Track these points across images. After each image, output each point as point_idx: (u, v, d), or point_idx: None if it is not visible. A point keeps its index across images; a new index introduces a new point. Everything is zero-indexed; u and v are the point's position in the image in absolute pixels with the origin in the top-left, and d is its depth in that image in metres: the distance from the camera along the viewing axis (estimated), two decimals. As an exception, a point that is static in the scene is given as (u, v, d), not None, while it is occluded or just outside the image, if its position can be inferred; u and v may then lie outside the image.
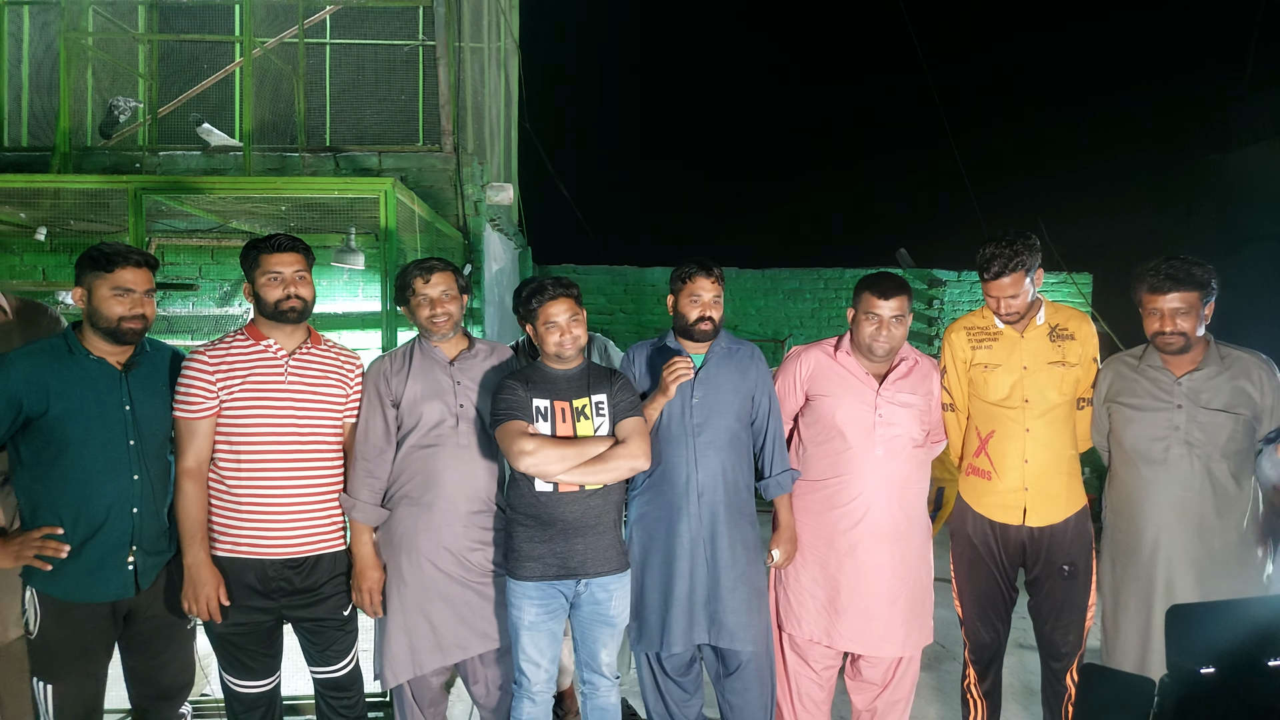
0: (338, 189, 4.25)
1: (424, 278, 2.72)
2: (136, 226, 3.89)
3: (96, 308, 2.42)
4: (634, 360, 3.02)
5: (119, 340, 2.45)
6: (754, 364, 2.96)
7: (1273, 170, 10.01)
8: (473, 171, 5.59)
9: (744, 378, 2.92)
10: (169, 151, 5.68)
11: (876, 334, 2.85)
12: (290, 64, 5.93)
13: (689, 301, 2.87)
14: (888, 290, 2.83)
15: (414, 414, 2.70)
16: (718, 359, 2.92)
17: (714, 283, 2.87)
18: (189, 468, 2.52)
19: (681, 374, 2.76)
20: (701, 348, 2.93)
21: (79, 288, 2.44)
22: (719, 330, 2.92)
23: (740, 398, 2.90)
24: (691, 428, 2.85)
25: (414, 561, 2.68)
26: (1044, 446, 2.88)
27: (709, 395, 2.87)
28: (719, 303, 2.90)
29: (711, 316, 2.87)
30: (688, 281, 2.87)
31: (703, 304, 2.86)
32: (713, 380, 2.89)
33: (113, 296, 2.42)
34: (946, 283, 9.22)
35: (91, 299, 2.42)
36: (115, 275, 2.42)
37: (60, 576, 2.39)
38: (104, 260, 2.41)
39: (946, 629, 4.17)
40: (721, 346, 2.94)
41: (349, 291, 6.00)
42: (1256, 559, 2.73)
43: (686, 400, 2.86)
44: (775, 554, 2.98)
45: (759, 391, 2.94)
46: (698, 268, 2.85)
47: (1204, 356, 2.74)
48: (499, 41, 7.05)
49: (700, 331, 2.87)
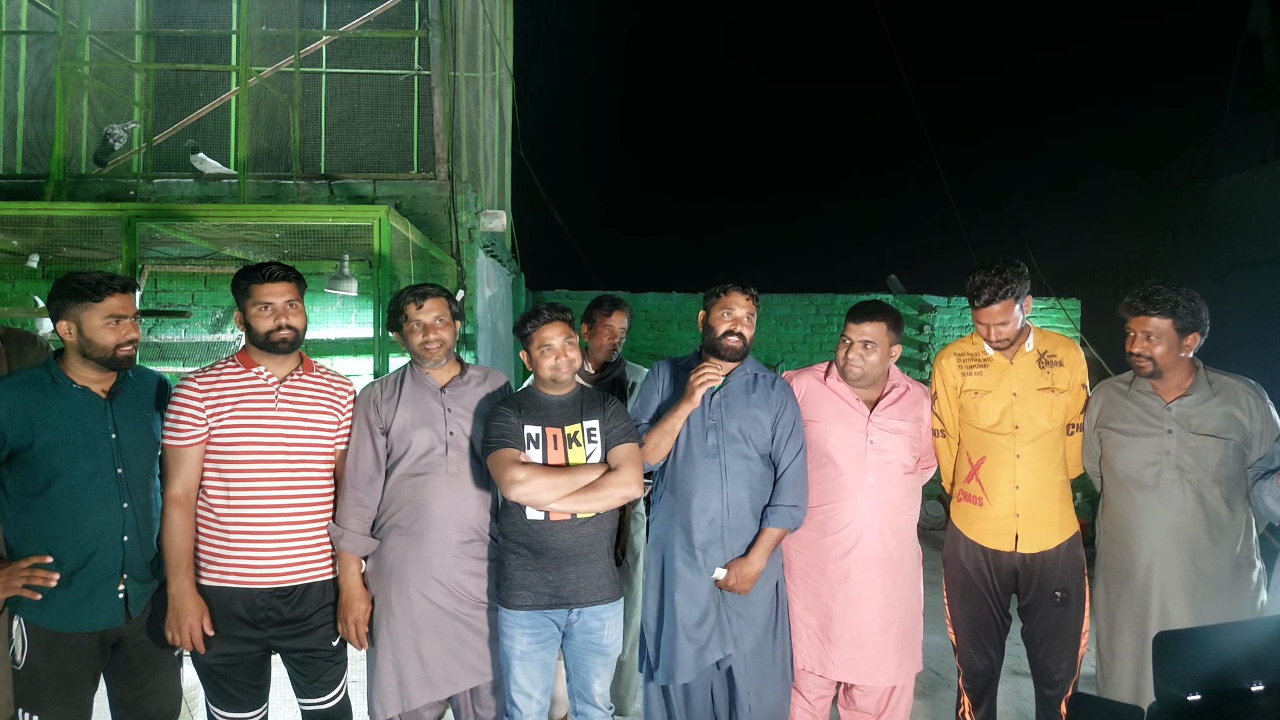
0: (332, 216, 4.27)
1: (417, 303, 2.71)
2: (129, 253, 3.90)
3: (90, 338, 2.40)
4: (658, 374, 2.99)
5: (115, 367, 2.45)
6: (776, 393, 2.89)
7: (1255, 198, 10.13)
8: (466, 199, 5.63)
9: (765, 406, 2.86)
10: (163, 179, 5.70)
11: (847, 355, 2.87)
12: (286, 93, 5.97)
13: (721, 315, 2.84)
14: (859, 315, 2.84)
15: (404, 442, 2.68)
16: (740, 384, 2.88)
17: (749, 300, 2.85)
18: (176, 495, 2.50)
19: (709, 378, 2.72)
20: (727, 369, 2.87)
21: (65, 321, 2.41)
22: (748, 350, 2.88)
23: (759, 425, 2.84)
24: (709, 449, 2.81)
25: (403, 592, 2.65)
26: (1034, 472, 2.89)
27: (726, 420, 2.82)
28: (751, 322, 2.86)
29: (742, 333, 2.83)
30: (722, 295, 2.85)
31: (735, 319, 2.83)
32: (731, 405, 2.84)
33: (105, 326, 2.41)
34: (937, 308, 9.27)
35: (82, 330, 2.40)
36: (106, 304, 2.41)
37: (50, 606, 2.37)
38: (91, 290, 2.40)
39: (941, 656, 4.15)
40: (746, 372, 2.90)
41: (342, 318, 6.00)
42: (1250, 584, 2.74)
43: (703, 421, 2.83)
44: (721, 571, 2.78)
45: (781, 421, 2.86)
46: (734, 285, 2.85)
47: (1193, 382, 2.76)
48: (493, 71, 7.12)
49: (728, 347, 2.83)
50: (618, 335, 3.63)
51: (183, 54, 7.16)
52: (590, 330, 3.67)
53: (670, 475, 2.88)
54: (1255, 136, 10.54)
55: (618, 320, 3.64)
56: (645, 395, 2.99)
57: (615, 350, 3.67)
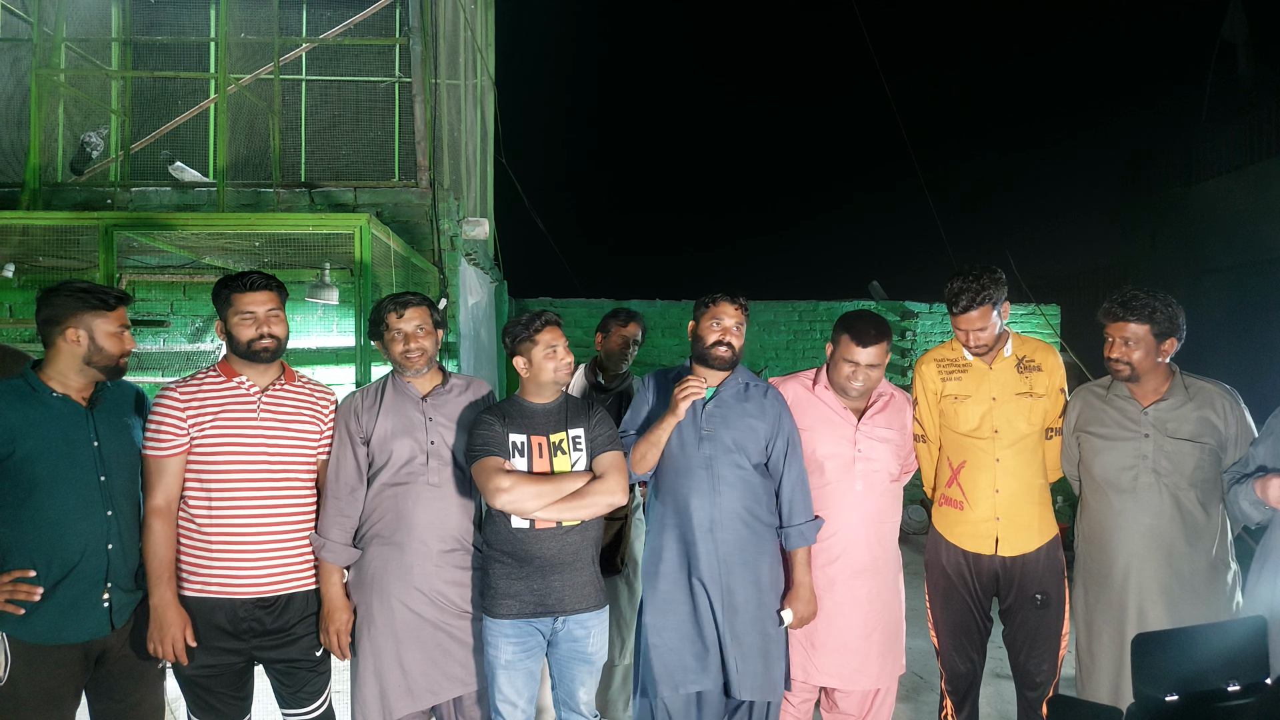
0: (312, 225, 4.25)
1: (398, 312, 2.70)
2: (107, 263, 3.87)
3: (102, 345, 2.42)
4: (647, 384, 2.99)
5: (116, 375, 2.50)
6: (770, 403, 2.88)
7: (1232, 203, 10.27)
8: (449, 206, 5.61)
9: (760, 416, 2.84)
10: (141, 187, 5.64)
11: (853, 377, 2.85)
12: (265, 100, 5.94)
13: (710, 325, 2.83)
14: (866, 339, 2.81)
15: (385, 451, 2.68)
16: (731, 393, 2.86)
17: (738, 310, 2.84)
18: (158, 506, 2.49)
19: (692, 392, 2.71)
20: (716, 379, 2.87)
21: (75, 328, 2.40)
22: (737, 360, 2.86)
23: (752, 435, 2.82)
24: (702, 459, 2.79)
25: (385, 602, 2.64)
26: (1014, 476, 2.92)
27: (719, 429, 2.81)
28: (740, 331, 2.85)
29: (731, 343, 2.82)
30: (711, 305, 2.84)
31: (723, 328, 2.82)
32: (723, 414, 2.83)
33: (116, 334, 2.45)
34: (918, 315, 9.33)
35: (94, 338, 2.41)
36: (118, 313, 2.46)
37: (33, 619, 2.34)
38: (102, 300, 2.43)
39: (923, 660, 4.17)
40: (738, 381, 2.89)
41: (324, 326, 5.97)
42: (1226, 585, 2.78)
43: (696, 431, 2.81)
44: (787, 614, 2.81)
45: (775, 431, 2.84)
46: (723, 293, 2.84)
47: (1169, 387, 2.80)
48: (475, 78, 7.11)
49: (716, 357, 2.81)
50: (631, 346, 3.71)
51: (161, 61, 7.09)
52: (605, 340, 3.74)
53: (662, 485, 2.87)
54: (1231, 142, 10.69)
55: (632, 331, 3.72)
56: (635, 406, 2.99)
57: (627, 361, 3.73)
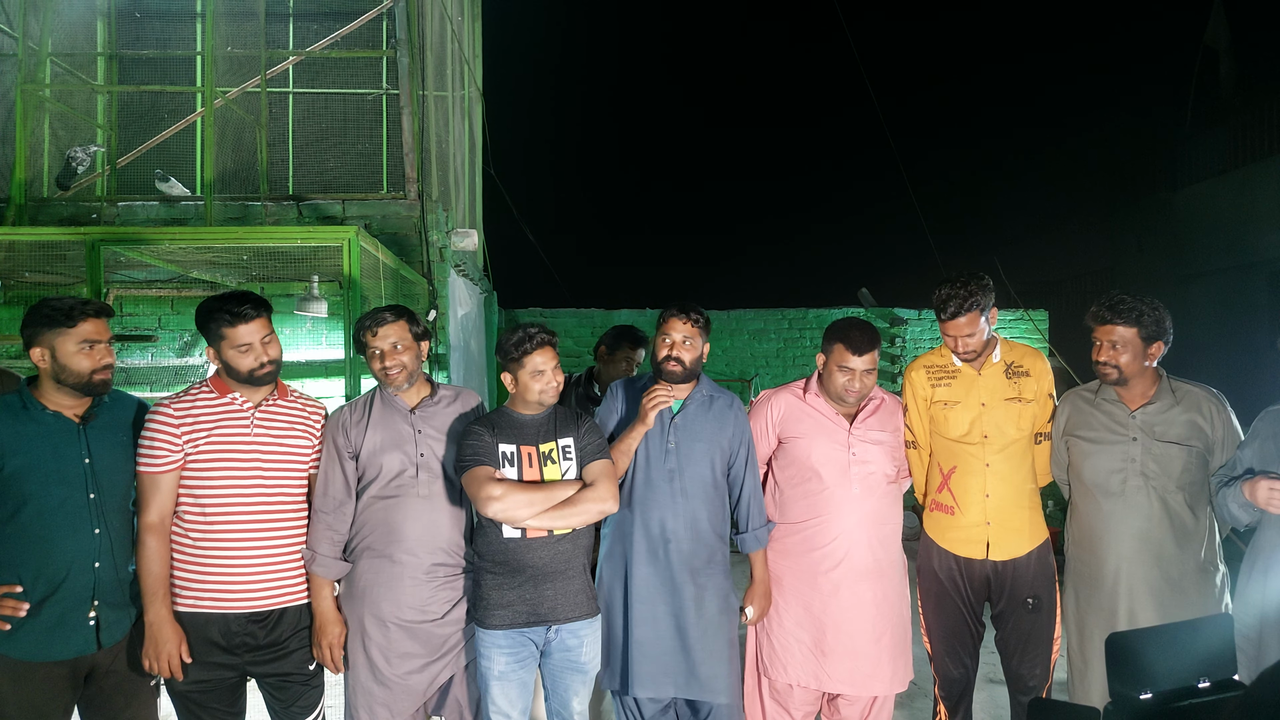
0: (300, 238, 4.23)
1: (372, 330, 2.68)
2: (94, 278, 3.85)
3: (64, 364, 2.38)
4: (615, 393, 3.02)
5: (92, 392, 2.44)
6: (732, 413, 2.93)
7: (1217, 208, 10.35)
8: (437, 218, 5.61)
9: (721, 426, 2.90)
10: (128, 202, 5.63)
11: (849, 384, 2.88)
12: (252, 113, 5.93)
13: (660, 340, 2.88)
14: (861, 347, 2.85)
15: (374, 464, 2.67)
16: (697, 405, 2.91)
17: (686, 324, 2.86)
18: (151, 522, 2.48)
19: (660, 401, 2.77)
20: (682, 391, 2.91)
21: (38, 347, 2.39)
22: (690, 374, 2.88)
23: (716, 446, 2.88)
24: (666, 473, 2.84)
25: (376, 615, 2.64)
26: (1004, 481, 2.93)
27: (685, 441, 2.86)
28: (690, 345, 2.86)
29: (680, 358, 2.84)
30: (662, 323, 2.89)
31: (672, 343, 2.85)
32: (689, 426, 2.88)
33: (79, 351, 2.39)
34: (908, 321, 9.36)
35: (56, 356, 2.38)
36: (79, 329, 2.39)
37: (19, 635, 2.32)
38: (64, 316, 2.38)
39: (917, 665, 4.15)
40: (702, 394, 2.93)
41: (313, 340, 5.95)
42: (1215, 587, 2.79)
43: (663, 445, 2.86)
44: (749, 611, 2.94)
45: (737, 442, 2.91)
46: (675, 309, 2.88)
47: (1157, 390, 2.82)
48: (463, 90, 7.11)
49: (667, 372, 2.86)
50: (634, 369, 3.90)
51: (146, 76, 7.08)
52: (609, 357, 3.80)
53: (629, 495, 2.88)
54: (1215, 147, 10.79)
55: (640, 356, 3.91)
56: (603, 416, 3.00)
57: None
